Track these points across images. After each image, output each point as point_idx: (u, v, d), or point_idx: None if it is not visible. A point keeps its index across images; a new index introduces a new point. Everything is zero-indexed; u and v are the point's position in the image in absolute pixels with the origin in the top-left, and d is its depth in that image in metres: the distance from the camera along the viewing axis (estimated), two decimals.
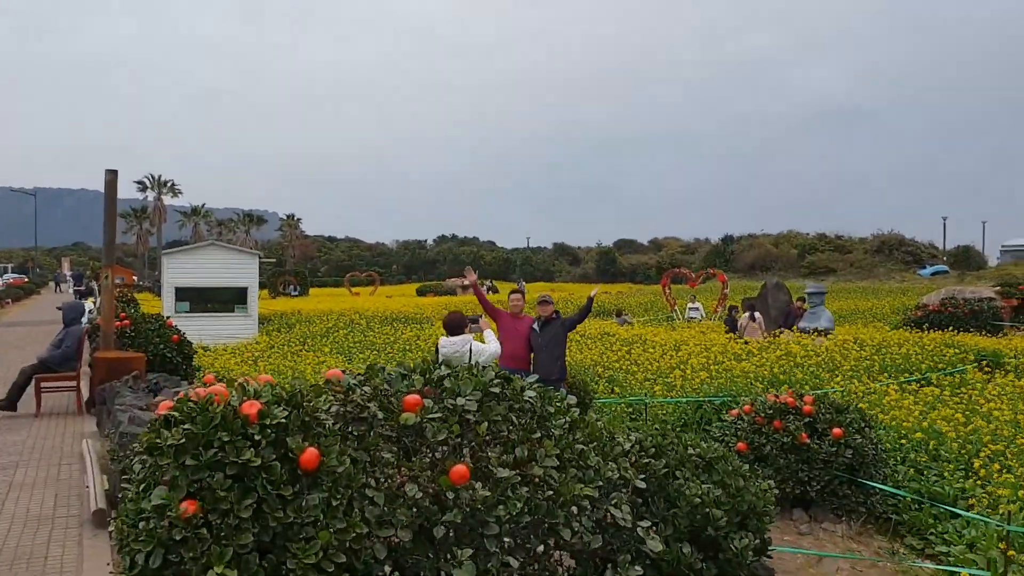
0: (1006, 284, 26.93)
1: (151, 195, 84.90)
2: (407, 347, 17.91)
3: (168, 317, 12.09)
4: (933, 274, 52.92)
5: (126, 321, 11.77)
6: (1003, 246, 61.10)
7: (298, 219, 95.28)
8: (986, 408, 9.62)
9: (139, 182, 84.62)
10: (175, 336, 11.76)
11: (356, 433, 3.63)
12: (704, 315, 29.82)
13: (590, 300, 9.81)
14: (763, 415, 7.70)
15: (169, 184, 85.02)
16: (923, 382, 13.63)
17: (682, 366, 13.55)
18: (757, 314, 19.55)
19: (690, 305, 30.60)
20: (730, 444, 7.86)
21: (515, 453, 3.83)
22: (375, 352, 17.17)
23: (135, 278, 62.66)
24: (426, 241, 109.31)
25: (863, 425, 7.59)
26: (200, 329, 19.06)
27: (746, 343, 16.71)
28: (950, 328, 22.50)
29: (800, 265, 58.10)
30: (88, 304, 26.94)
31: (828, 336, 18.02)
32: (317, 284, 71.67)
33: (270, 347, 18.44)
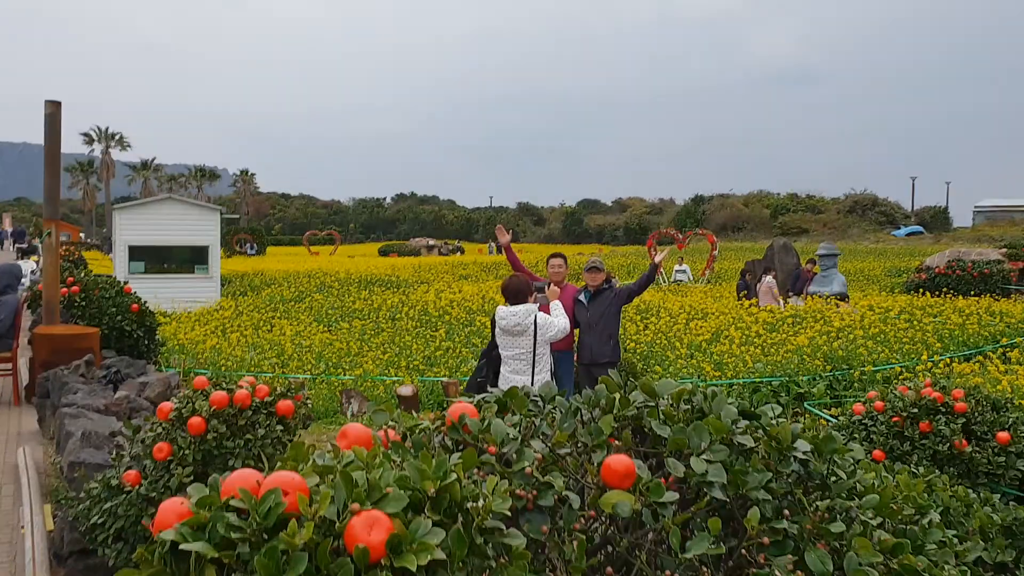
0: (1011, 245, 25.83)
1: (98, 148, 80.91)
2: (393, 314, 16.08)
3: (125, 283, 10.11)
4: (908, 235, 52.21)
5: (75, 287, 9.77)
6: (976, 206, 60.72)
7: (252, 174, 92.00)
8: None
9: (85, 134, 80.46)
10: (135, 305, 9.80)
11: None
12: (691, 277, 28.38)
13: (653, 267, 8.08)
14: (902, 414, 6.09)
15: (117, 137, 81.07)
16: (980, 357, 12.24)
17: (722, 339, 11.96)
18: (771, 278, 18.02)
19: (677, 267, 29.12)
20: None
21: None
22: (361, 320, 15.32)
23: (82, 235, 59.50)
24: (384, 199, 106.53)
25: None
26: (157, 292, 16.97)
27: (770, 311, 15.20)
28: (958, 292, 21.35)
29: (772, 225, 57.07)
30: (31, 264, 24.53)
31: (844, 302, 16.59)
32: (272, 242, 69.01)
33: (237, 313, 16.47)
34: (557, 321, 6.23)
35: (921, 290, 23.20)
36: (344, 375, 11.13)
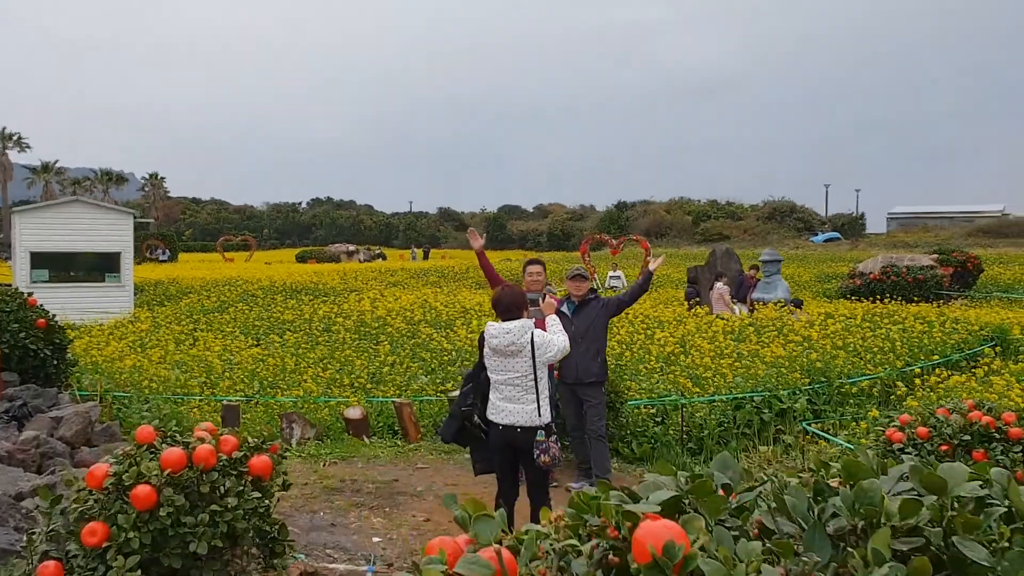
0: (942, 251, 26.06)
1: None
2: (327, 325, 14.91)
3: (29, 294, 8.76)
4: (826, 241, 53.07)
5: None
6: (890, 213, 62.28)
7: (162, 178, 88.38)
8: None
9: None
10: (41, 320, 8.48)
11: None
12: (626, 284, 27.84)
13: (648, 275, 7.28)
14: (952, 441, 5.38)
15: (15, 137, 76.64)
16: (948, 367, 11.83)
17: (690, 349, 11.25)
18: (723, 284, 17.49)
19: (611, 273, 28.60)
20: None
21: None
22: (292, 333, 14.12)
23: None
24: (300, 204, 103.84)
25: None
26: (64, 303, 15.39)
27: (725, 319, 14.61)
28: (894, 298, 21.28)
29: (695, 232, 57.40)
30: None
31: (799, 308, 16.16)
32: (184, 248, 66.13)
33: (156, 326, 15.06)
34: (557, 339, 5.32)
35: (858, 296, 23.18)
36: (282, 396, 10.00)
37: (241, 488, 3.01)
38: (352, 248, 57.55)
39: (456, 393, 9.41)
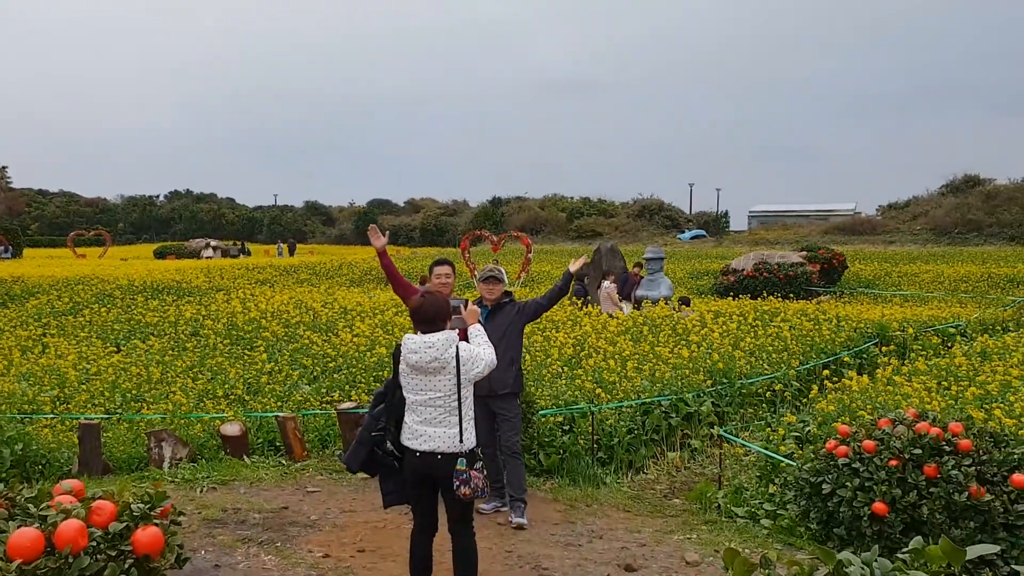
0: (809, 248, 26.84)
1: None
2: (195, 329, 13.74)
3: None
4: (692, 238, 54.39)
5: None
6: (751, 211, 64.45)
7: (3, 167, 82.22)
8: None
9: None
10: None
11: None
12: (507, 281, 27.45)
13: (568, 276, 6.73)
14: (902, 455, 5.06)
15: None
16: (838, 366, 11.92)
17: (589, 349, 10.85)
18: (610, 283, 17.26)
19: None
20: (839, 498, 5.18)
21: None
22: (156, 338, 12.90)
23: None
24: (157, 197, 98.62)
25: None
26: None
27: (615, 318, 14.34)
28: (768, 294, 21.71)
29: (569, 228, 57.73)
30: None
31: (678, 307, 16.09)
32: (29, 244, 61.58)
33: None
34: (484, 353, 4.69)
35: (732, 293, 23.55)
36: (149, 411, 8.94)
37: (123, 575, 2.23)
38: (214, 243, 54.93)
39: (348, 405, 8.66)
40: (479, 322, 5.37)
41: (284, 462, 8.05)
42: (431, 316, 4.57)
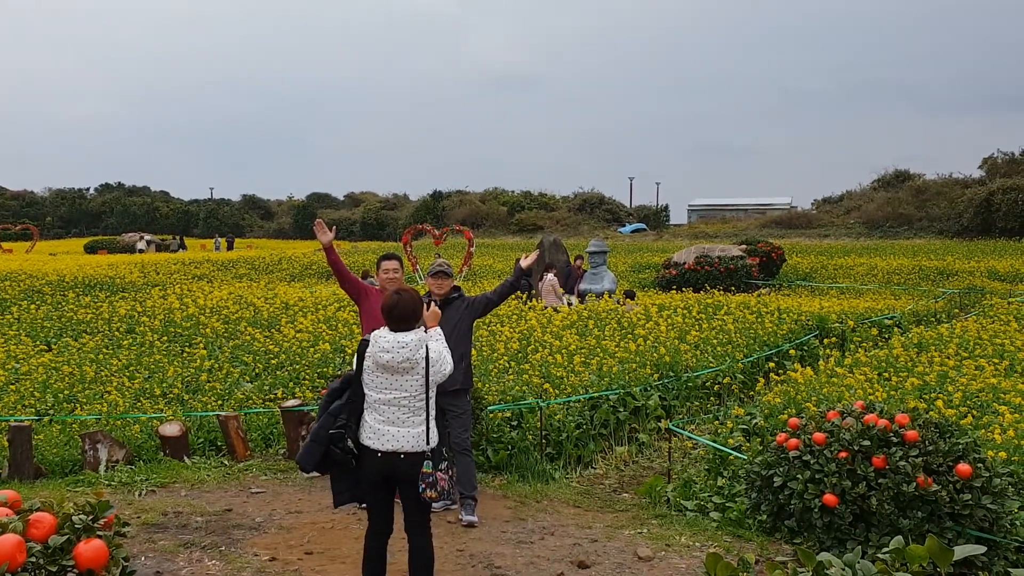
0: (748, 242, 27.23)
1: None
2: (131, 326, 13.34)
3: None
4: (633, 231, 54.80)
5: None
6: (690, 205, 65.25)
7: None
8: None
9: None
10: None
11: None
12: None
13: (520, 272, 6.66)
14: (851, 447, 5.11)
15: None
16: (779, 359, 12.11)
17: (535, 344, 10.81)
18: (553, 276, 17.26)
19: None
20: (790, 490, 5.22)
21: None
22: (90, 336, 12.48)
23: None
24: (87, 190, 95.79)
25: (980, 456, 5.26)
26: None
27: (558, 311, 14.35)
28: (710, 287, 21.98)
29: (510, 222, 57.61)
30: None
31: (622, 301, 16.18)
32: None
33: None
34: (447, 356, 4.60)
35: (674, 286, 23.77)
36: (83, 412, 8.62)
37: None
38: (148, 238, 53.61)
39: (292, 403, 8.47)
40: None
41: (226, 462, 7.84)
42: (406, 315, 4.46)
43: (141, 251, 47.17)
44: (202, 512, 6.36)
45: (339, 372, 8.90)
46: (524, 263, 6.68)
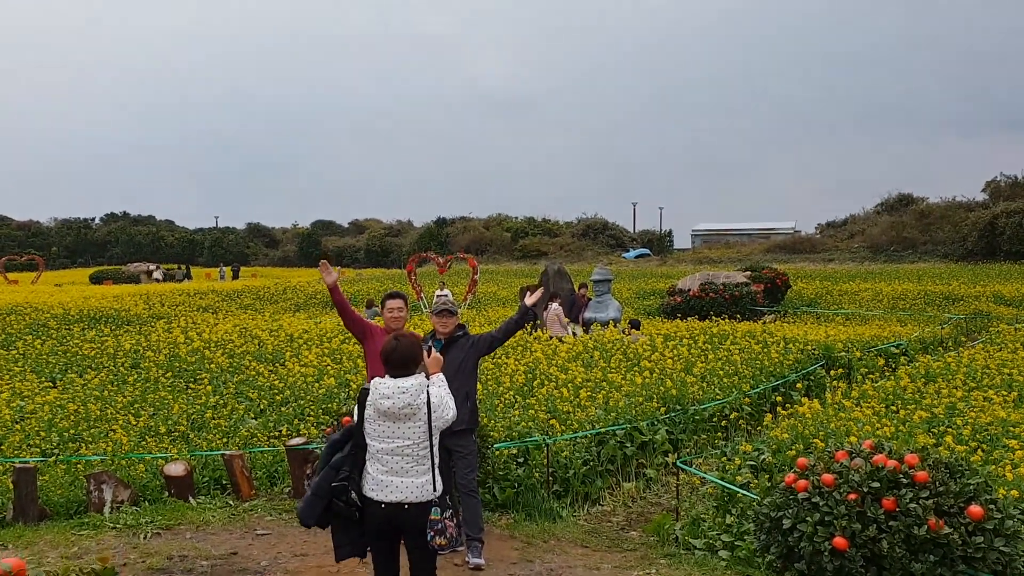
0: (753, 268, 27.23)
1: None
2: (136, 361, 13.34)
3: None
4: (637, 257, 54.88)
5: None
6: (693, 230, 65.36)
7: None
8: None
9: None
10: None
11: None
12: (453, 301, 27.28)
13: (524, 310, 6.64)
14: (860, 489, 5.07)
15: None
16: (786, 389, 12.03)
17: (540, 378, 10.78)
18: (557, 305, 17.24)
19: (438, 292, 27.80)
20: (800, 532, 5.17)
21: None
22: (95, 371, 12.47)
23: None
24: (93, 220, 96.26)
25: (991, 496, 5.21)
26: None
27: (564, 341, 14.34)
28: (711, 314, 21.94)
29: (514, 248, 57.84)
30: None
31: (636, 329, 16.15)
32: None
33: None
34: (450, 401, 4.58)
35: (680, 313, 23.73)
36: (88, 451, 8.60)
37: None
38: (153, 267, 53.79)
39: (297, 441, 8.43)
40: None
41: (231, 502, 7.80)
42: (403, 359, 4.44)
43: (157, 280, 47.65)
44: (207, 556, 6.33)
45: (343, 409, 8.87)
46: (529, 300, 6.67)
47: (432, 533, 4.27)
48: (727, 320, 19.06)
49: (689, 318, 20.21)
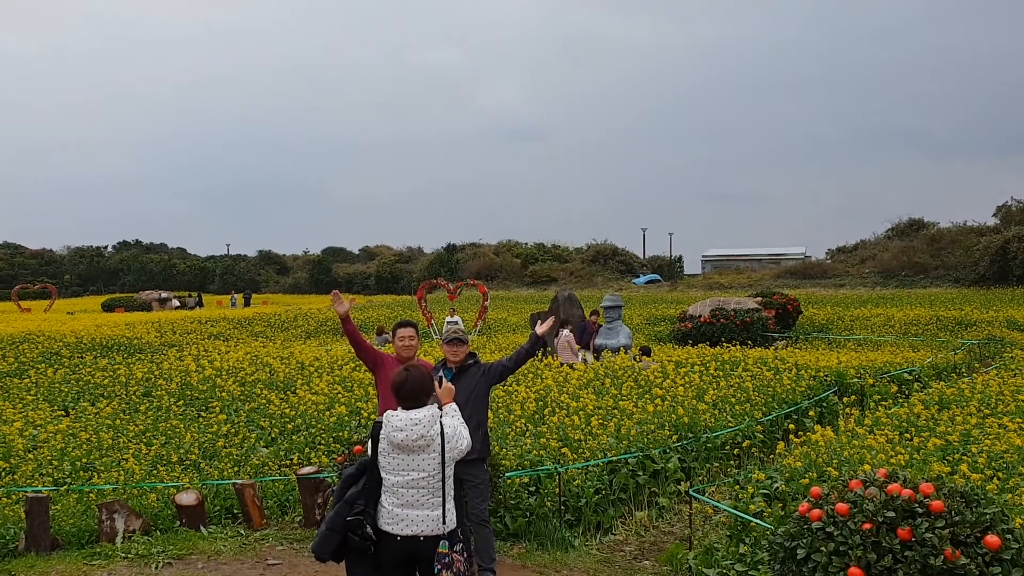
0: (764, 294, 27.18)
1: None
2: (148, 389, 13.38)
3: None
4: (647, 283, 54.87)
5: None
6: (704, 255, 65.37)
7: None
8: None
9: None
10: None
11: None
12: (464, 329, 27.31)
13: (535, 340, 6.64)
14: (875, 519, 5.03)
15: None
16: (798, 416, 11.97)
17: (552, 406, 10.75)
18: (568, 332, 17.24)
19: (448, 319, 27.95)
20: (814, 563, 5.12)
21: None
22: (107, 400, 12.52)
23: None
24: (105, 248, 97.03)
25: (1008, 526, 5.16)
26: None
27: (575, 368, 14.31)
28: (722, 341, 21.88)
29: (524, 274, 57.97)
30: None
31: (647, 356, 16.11)
32: None
33: None
34: (464, 431, 4.58)
35: (690, 339, 23.68)
36: (100, 480, 8.62)
37: None
38: (164, 295, 54.06)
39: (308, 469, 8.43)
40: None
41: (243, 532, 7.79)
42: (414, 390, 4.45)
43: (177, 307, 48.18)
44: None
45: (354, 437, 8.86)
46: (540, 330, 6.67)
47: (439, 566, 4.25)
48: (738, 346, 19.01)
49: (700, 344, 20.15)
